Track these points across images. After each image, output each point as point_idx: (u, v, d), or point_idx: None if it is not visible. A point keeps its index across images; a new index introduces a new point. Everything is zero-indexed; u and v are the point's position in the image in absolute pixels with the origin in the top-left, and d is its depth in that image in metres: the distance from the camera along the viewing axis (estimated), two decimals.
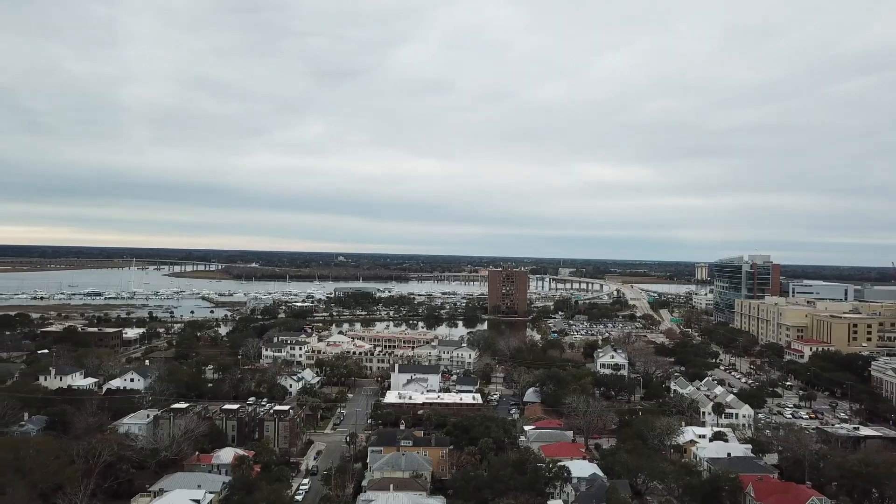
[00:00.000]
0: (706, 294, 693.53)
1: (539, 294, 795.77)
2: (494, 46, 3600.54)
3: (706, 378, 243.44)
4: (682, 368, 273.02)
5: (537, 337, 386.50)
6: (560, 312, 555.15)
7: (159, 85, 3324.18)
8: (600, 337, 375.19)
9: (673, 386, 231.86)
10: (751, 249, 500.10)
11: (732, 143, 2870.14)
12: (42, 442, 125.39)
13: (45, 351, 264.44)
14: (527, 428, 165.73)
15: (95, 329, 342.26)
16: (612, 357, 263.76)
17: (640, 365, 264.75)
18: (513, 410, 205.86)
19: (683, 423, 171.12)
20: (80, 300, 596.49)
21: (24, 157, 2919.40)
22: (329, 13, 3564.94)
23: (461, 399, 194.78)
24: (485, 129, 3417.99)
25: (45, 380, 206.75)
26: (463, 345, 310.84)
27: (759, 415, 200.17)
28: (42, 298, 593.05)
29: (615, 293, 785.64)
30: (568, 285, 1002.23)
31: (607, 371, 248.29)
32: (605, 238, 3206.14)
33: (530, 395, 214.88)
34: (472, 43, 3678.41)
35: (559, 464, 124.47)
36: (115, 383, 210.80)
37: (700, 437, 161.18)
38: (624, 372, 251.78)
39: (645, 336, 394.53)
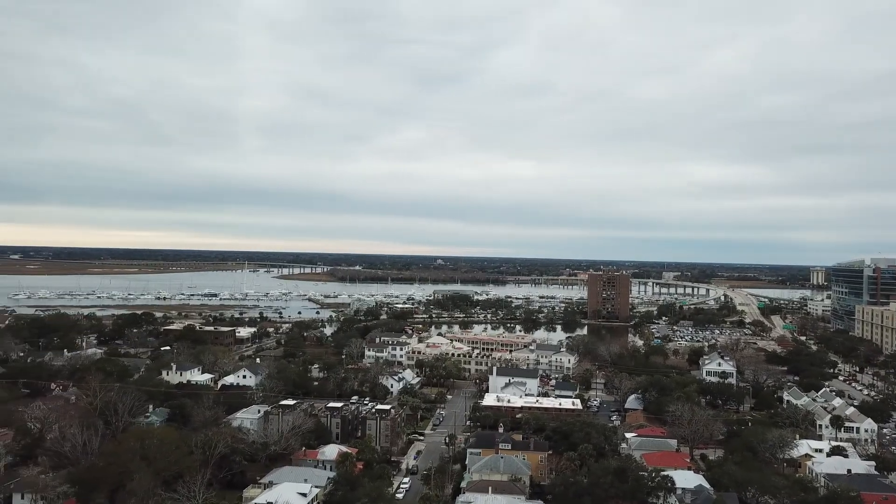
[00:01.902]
0: (823, 300, 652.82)
1: (641, 299, 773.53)
2: (594, 45, 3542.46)
3: (823, 389, 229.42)
4: (796, 378, 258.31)
5: (639, 343, 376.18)
6: (663, 318, 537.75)
7: (270, 96, 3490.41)
8: (706, 343, 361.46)
9: (786, 396, 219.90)
10: (873, 252, 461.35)
11: (852, 139, 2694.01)
12: (165, 433, 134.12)
13: (167, 348, 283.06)
14: (628, 435, 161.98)
15: (212, 328, 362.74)
16: (720, 364, 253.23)
17: (750, 373, 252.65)
18: (614, 417, 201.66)
19: (797, 436, 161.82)
20: (198, 301, 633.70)
21: (149, 166, 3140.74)
22: (430, 19, 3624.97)
23: (560, 404, 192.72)
24: (584, 129, 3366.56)
25: (167, 375, 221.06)
26: (562, 349, 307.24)
27: (884, 430, 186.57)
28: (164, 299, 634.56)
29: (722, 298, 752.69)
30: (672, 290, 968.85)
31: (714, 379, 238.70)
32: (712, 240, 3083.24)
33: (632, 401, 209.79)
34: (571, 43, 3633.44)
35: (662, 473, 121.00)
36: (229, 379, 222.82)
37: (816, 451, 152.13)
38: (732, 380, 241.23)
39: (755, 343, 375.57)
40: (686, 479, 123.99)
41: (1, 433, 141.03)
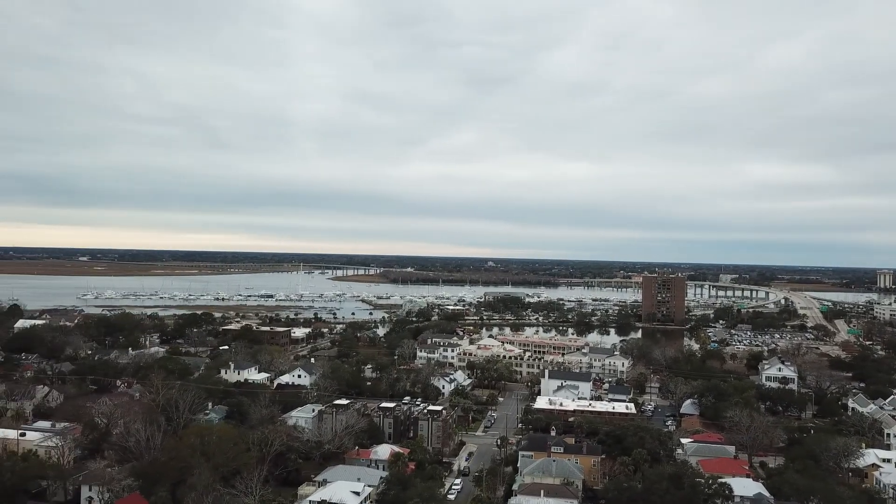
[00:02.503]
0: (891, 303, 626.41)
1: (697, 302, 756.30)
2: (650, 43, 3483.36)
3: (891, 396, 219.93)
4: (862, 385, 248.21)
5: (695, 346, 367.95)
6: (721, 321, 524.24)
7: (324, 100, 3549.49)
8: (765, 348, 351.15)
9: (851, 403, 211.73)
10: None
11: None
12: (223, 429, 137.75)
13: (226, 347, 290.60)
14: (684, 441, 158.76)
15: (268, 328, 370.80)
16: (780, 370, 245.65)
17: (812, 379, 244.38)
18: (668, 422, 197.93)
19: (864, 445, 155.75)
20: (255, 301, 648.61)
21: (209, 171, 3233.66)
22: (482, 21, 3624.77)
23: (613, 408, 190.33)
24: (639, 129, 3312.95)
25: (226, 373, 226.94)
26: (615, 352, 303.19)
27: None
28: (223, 299, 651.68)
29: (783, 301, 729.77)
30: (730, 292, 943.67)
31: (774, 384, 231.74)
32: (772, 242, 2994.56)
33: (687, 406, 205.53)
34: (627, 41, 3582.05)
35: (720, 480, 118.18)
36: (285, 379, 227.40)
37: (885, 461, 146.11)
38: (793, 386, 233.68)
39: (817, 348, 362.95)
40: (745, 486, 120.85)
41: (71, 427, 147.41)
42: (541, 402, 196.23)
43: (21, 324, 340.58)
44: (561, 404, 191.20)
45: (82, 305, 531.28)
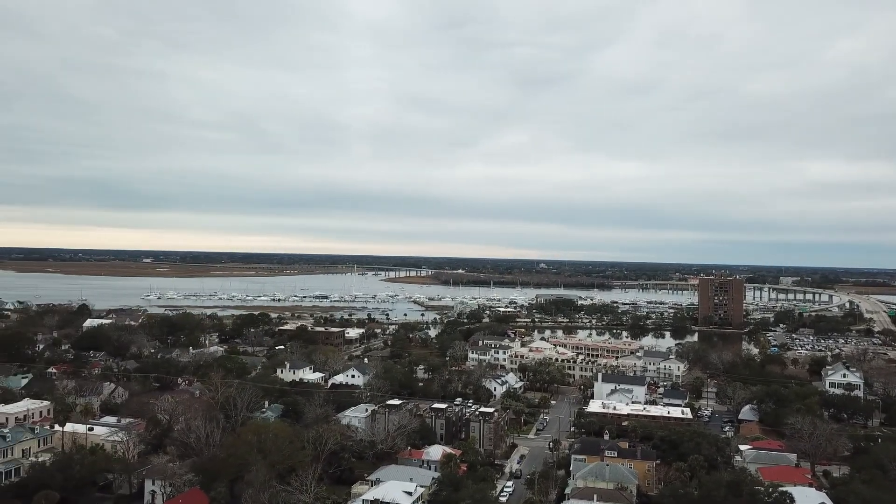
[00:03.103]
0: None
1: (756, 305, 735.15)
2: (705, 40, 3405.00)
3: None
4: None
5: (754, 351, 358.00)
6: (781, 325, 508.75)
7: (376, 103, 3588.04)
8: (829, 353, 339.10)
9: None
10: None
11: None
12: (279, 428, 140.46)
13: (282, 347, 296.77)
14: (742, 447, 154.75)
15: (322, 328, 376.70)
16: (845, 375, 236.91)
17: (880, 386, 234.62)
18: (726, 428, 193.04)
19: None
20: (310, 302, 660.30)
21: (263, 174, 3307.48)
22: (533, 21, 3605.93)
23: (668, 412, 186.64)
24: (694, 128, 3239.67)
25: (282, 373, 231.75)
26: (671, 356, 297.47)
27: None
28: (279, 300, 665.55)
29: (847, 305, 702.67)
30: (790, 295, 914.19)
31: (838, 391, 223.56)
32: (835, 243, 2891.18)
33: (746, 412, 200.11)
34: (680, 39, 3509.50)
35: (781, 489, 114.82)
36: (339, 378, 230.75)
37: None
38: (858, 392, 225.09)
39: (885, 354, 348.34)
40: (807, 496, 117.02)
41: (135, 423, 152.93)
42: (594, 406, 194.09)
43: (89, 323, 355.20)
44: (614, 408, 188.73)
45: (146, 305, 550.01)
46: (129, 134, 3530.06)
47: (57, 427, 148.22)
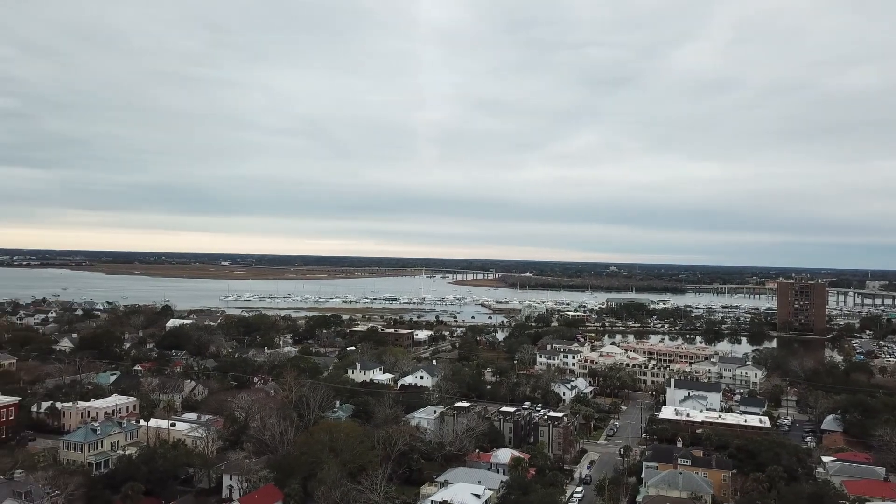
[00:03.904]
0: None
1: (840, 310, 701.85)
2: (787, 34, 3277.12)
3: None
4: None
5: (838, 358, 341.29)
6: (867, 332, 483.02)
7: (444, 108, 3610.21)
8: None
9: None
10: None
11: None
12: (350, 427, 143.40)
13: (352, 348, 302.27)
14: (825, 459, 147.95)
15: (392, 330, 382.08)
16: None
17: None
18: (808, 438, 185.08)
19: None
20: (380, 304, 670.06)
21: (335, 179, 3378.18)
22: (603, 20, 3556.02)
23: (745, 421, 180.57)
24: (775, 126, 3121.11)
25: (352, 373, 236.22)
26: (747, 363, 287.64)
27: None
28: (350, 302, 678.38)
29: None
30: (878, 300, 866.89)
31: None
32: None
33: (829, 422, 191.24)
34: (761, 33, 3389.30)
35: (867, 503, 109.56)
36: (408, 380, 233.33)
37: None
38: None
39: None
40: None
41: (214, 420, 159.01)
42: (666, 413, 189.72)
43: (172, 323, 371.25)
44: (688, 415, 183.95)
45: (224, 307, 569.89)
46: (209, 141, 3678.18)
47: (142, 422, 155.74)
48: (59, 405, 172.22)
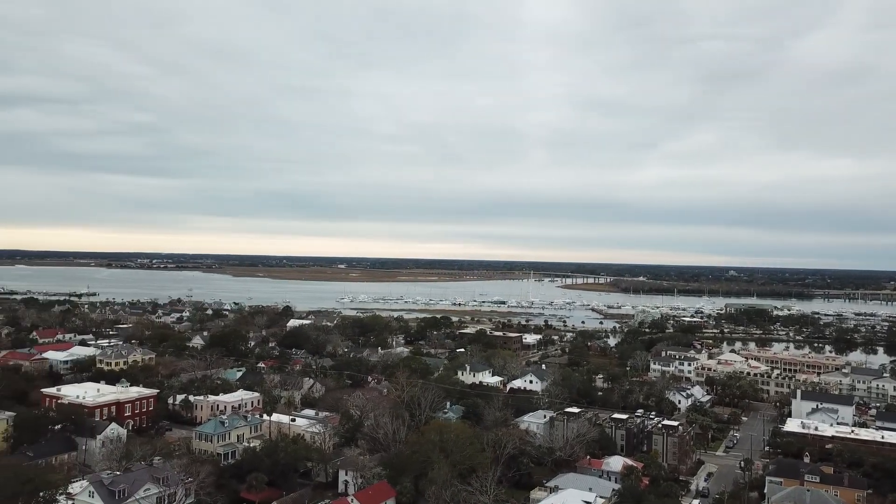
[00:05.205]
0: None
1: None
2: None
3: None
4: None
5: None
6: None
7: (554, 109, 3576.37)
8: None
9: None
10: None
11: None
12: (460, 428, 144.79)
13: (462, 350, 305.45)
14: None
15: (500, 333, 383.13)
16: None
17: None
18: None
19: None
20: (489, 307, 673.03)
21: (444, 184, 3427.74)
22: (723, 13, 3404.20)
23: (882, 437, 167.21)
24: None
25: (462, 375, 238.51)
26: (884, 374, 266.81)
27: None
28: (459, 304, 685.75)
29: None
30: None
31: None
32: None
33: None
34: None
35: None
36: (517, 383, 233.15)
37: None
38: None
39: None
40: None
41: (331, 416, 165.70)
42: (791, 425, 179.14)
43: (292, 323, 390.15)
44: (816, 429, 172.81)
45: (340, 308, 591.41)
46: (324, 149, 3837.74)
47: (265, 416, 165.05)
48: (191, 398, 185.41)
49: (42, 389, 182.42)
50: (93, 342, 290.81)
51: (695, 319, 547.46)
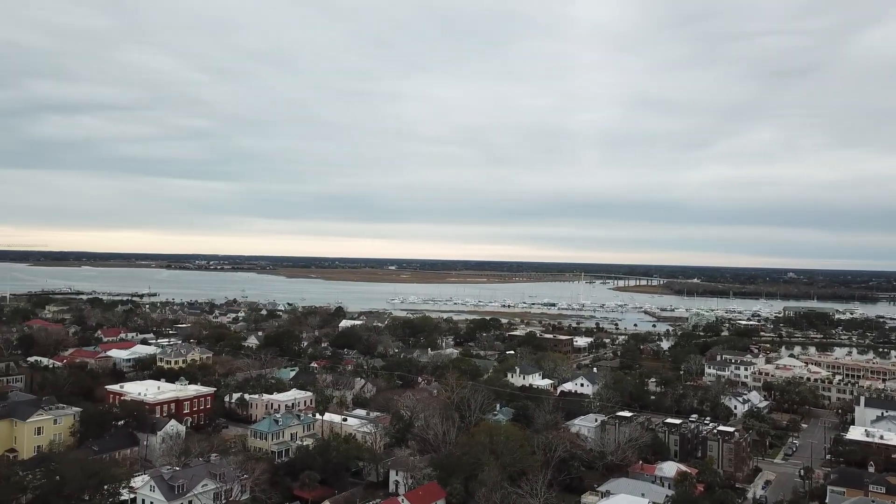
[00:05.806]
0: None
1: None
2: None
3: None
4: None
5: None
6: None
7: (604, 109, 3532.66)
8: None
9: None
10: None
11: None
12: (510, 431, 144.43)
13: (511, 352, 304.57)
14: None
15: (551, 335, 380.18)
16: None
17: None
18: None
19: None
20: (538, 309, 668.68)
21: (491, 185, 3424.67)
22: (779, 8, 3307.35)
23: None
24: None
25: (511, 377, 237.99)
26: None
27: None
28: (509, 306, 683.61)
29: None
30: None
31: None
32: None
33: None
34: None
35: None
36: (567, 386, 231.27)
37: None
38: None
39: None
40: None
41: (381, 417, 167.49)
42: (854, 433, 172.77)
43: (344, 323, 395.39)
44: (881, 437, 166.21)
45: (391, 309, 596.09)
46: (372, 152, 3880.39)
47: (317, 416, 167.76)
48: (247, 397, 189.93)
49: (106, 386, 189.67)
50: (153, 341, 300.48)
51: (751, 323, 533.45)
